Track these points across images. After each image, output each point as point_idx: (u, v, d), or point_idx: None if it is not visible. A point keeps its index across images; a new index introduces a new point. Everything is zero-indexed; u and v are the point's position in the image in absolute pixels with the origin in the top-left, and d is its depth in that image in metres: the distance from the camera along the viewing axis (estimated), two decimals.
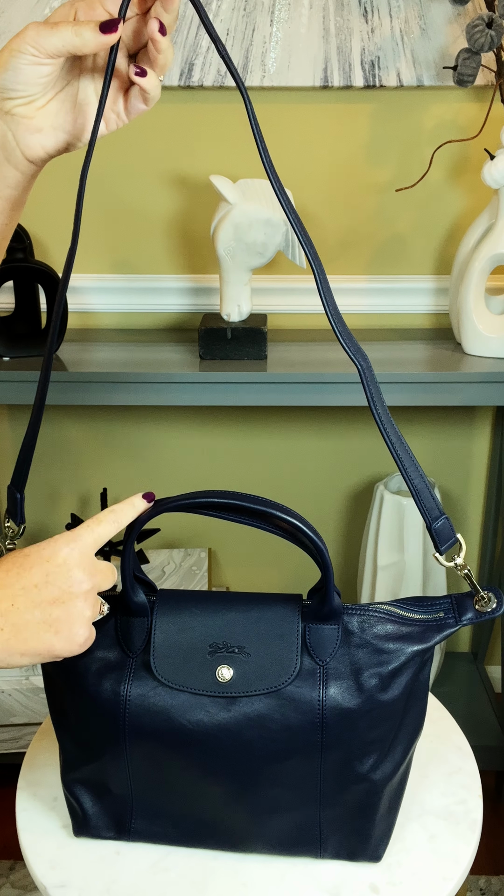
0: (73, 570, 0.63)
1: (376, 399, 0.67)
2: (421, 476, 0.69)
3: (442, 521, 0.69)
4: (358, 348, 0.67)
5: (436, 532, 0.69)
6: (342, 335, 0.66)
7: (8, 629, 0.60)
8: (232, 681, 0.67)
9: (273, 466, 1.59)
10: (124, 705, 0.68)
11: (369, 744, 0.68)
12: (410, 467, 0.68)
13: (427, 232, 1.42)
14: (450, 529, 0.70)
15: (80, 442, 1.57)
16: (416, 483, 0.68)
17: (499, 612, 0.69)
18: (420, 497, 0.69)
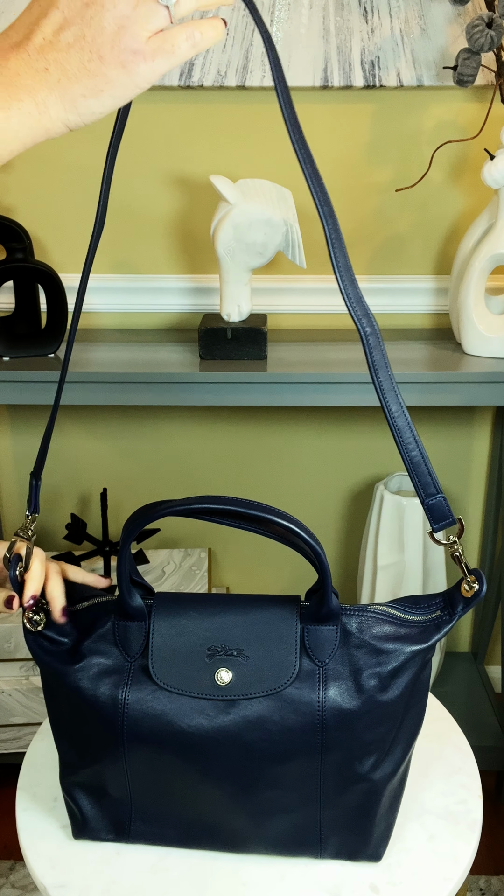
0: None
1: (379, 368, 0.64)
2: (419, 449, 0.66)
3: (437, 498, 0.67)
4: (365, 312, 0.63)
5: (429, 508, 0.67)
6: (349, 297, 0.63)
7: (54, 68, 0.52)
8: (231, 684, 0.67)
9: (273, 466, 1.59)
10: (123, 710, 0.68)
11: (369, 744, 0.68)
12: (408, 438, 0.66)
13: (427, 232, 1.42)
14: (445, 508, 0.68)
15: (80, 442, 1.58)
16: (412, 455, 0.66)
17: (481, 593, 0.67)
18: (415, 470, 0.66)
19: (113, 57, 0.51)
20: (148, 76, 0.52)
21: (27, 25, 0.53)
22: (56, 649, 0.71)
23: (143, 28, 0.51)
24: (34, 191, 1.41)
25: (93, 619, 0.72)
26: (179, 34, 0.52)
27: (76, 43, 0.51)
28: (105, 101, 0.53)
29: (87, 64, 0.52)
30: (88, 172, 1.39)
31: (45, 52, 0.52)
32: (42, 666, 0.72)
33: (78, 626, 0.72)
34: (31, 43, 0.52)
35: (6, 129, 0.52)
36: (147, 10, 0.51)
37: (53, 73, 0.52)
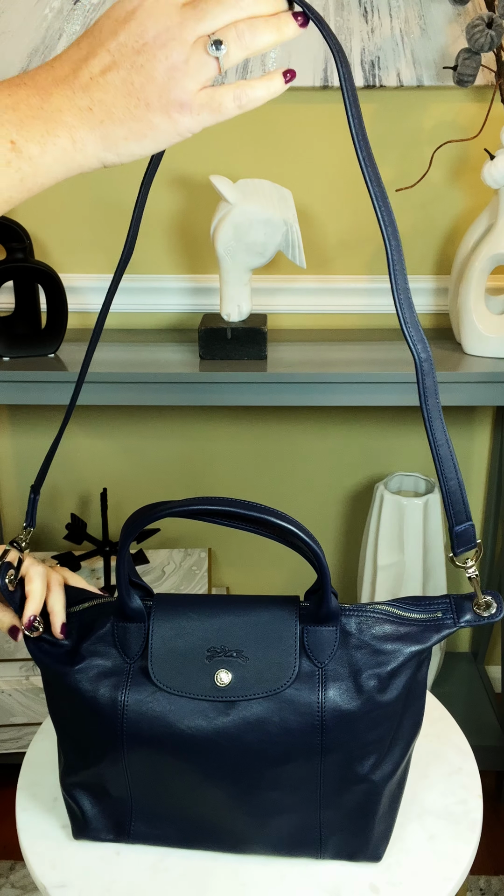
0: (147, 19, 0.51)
1: (430, 396, 0.64)
2: (458, 479, 0.66)
3: (467, 526, 0.68)
4: (421, 337, 0.63)
5: (456, 535, 0.68)
6: (406, 322, 0.62)
7: (98, 108, 0.52)
8: (230, 685, 0.67)
9: (273, 466, 1.59)
10: (122, 711, 0.68)
11: (369, 745, 0.68)
12: (449, 468, 0.66)
13: (427, 232, 1.42)
14: (472, 535, 0.69)
15: (80, 442, 1.58)
16: (450, 484, 0.66)
17: (497, 617, 0.69)
18: (451, 498, 0.67)
19: (160, 106, 0.51)
20: (192, 127, 0.52)
21: (74, 61, 0.52)
22: (56, 651, 0.71)
23: (193, 80, 0.51)
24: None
25: (92, 621, 0.72)
26: (228, 93, 0.52)
27: (123, 86, 0.51)
28: (146, 145, 0.53)
29: (132, 109, 0.51)
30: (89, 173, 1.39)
31: (91, 91, 0.51)
32: (42, 667, 0.72)
33: (77, 628, 0.72)
34: (77, 79, 0.51)
35: (40, 164, 0.51)
36: (198, 63, 0.51)
37: (97, 114, 0.52)
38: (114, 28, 0.51)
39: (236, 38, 0.51)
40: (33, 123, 0.51)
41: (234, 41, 0.51)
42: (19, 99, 0.51)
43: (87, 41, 0.52)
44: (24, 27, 1.31)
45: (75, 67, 0.52)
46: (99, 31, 0.52)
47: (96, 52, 0.51)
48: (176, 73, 0.51)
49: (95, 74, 0.51)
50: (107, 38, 0.51)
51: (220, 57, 0.51)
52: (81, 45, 0.52)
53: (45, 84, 0.52)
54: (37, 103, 0.51)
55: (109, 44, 0.51)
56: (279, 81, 0.54)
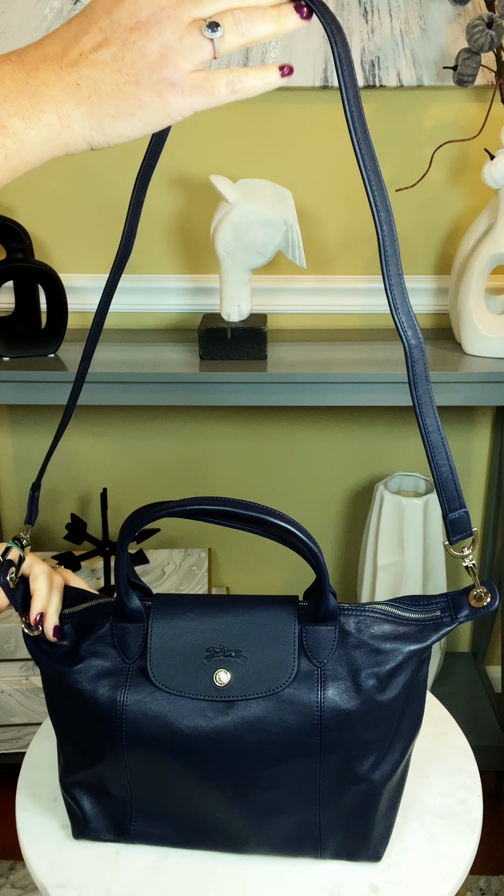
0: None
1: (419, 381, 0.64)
2: (450, 464, 0.66)
3: (461, 513, 0.67)
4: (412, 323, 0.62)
5: (450, 522, 0.67)
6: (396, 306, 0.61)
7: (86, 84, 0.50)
8: (229, 685, 0.67)
9: (273, 466, 1.59)
10: (121, 711, 0.68)
11: (368, 744, 0.68)
12: (440, 454, 0.66)
13: (427, 232, 1.42)
14: (467, 523, 0.68)
15: (80, 442, 1.58)
16: (442, 471, 0.66)
17: (492, 607, 0.68)
18: (443, 486, 0.66)
19: (150, 84, 0.50)
20: (182, 109, 0.51)
21: (64, 39, 0.51)
22: (55, 651, 0.71)
23: (186, 60, 0.50)
24: (34, 191, 1.41)
25: (91, 621, 0.72)
26: (221, 77, 0.51)
27: (113, 63, 0.50)
28: (134, 125, 0.51)
29: (121, 86, 0.50)
30: (89, 172, 1.39)
31: (79, 67, 0.50)
32: (42, 667, 0.72)
33: (76, 628, 0.72)
34: (66, 56, 0.50)
35: (25, 139, 0.50)
36: (192, 42, 0.50)
37: (84, 90, 0.50)
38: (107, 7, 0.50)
39: (233, 24, 0.50)
40: (17, 98, 0.49)
41: (230, 26, 0.50)
42: (3, 74, 0.50)
43: (78, 20, 0.51)
44: (24, 27, 1.31)
45: (65, 45, 0.51)
46: (92, 10, 0.51)
47: (88, 29, 0.50)
48: (169, 50, 0.49)
49: (86, 51, 0.50)
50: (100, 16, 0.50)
51: (214, 39, 0.50)
52: (73, 23, 0.51)
53: (33, 60, 0.51)
54: (21, 77, 0.50)
55: (102, 21, 0.50)
56: (275, 74, 0.53)
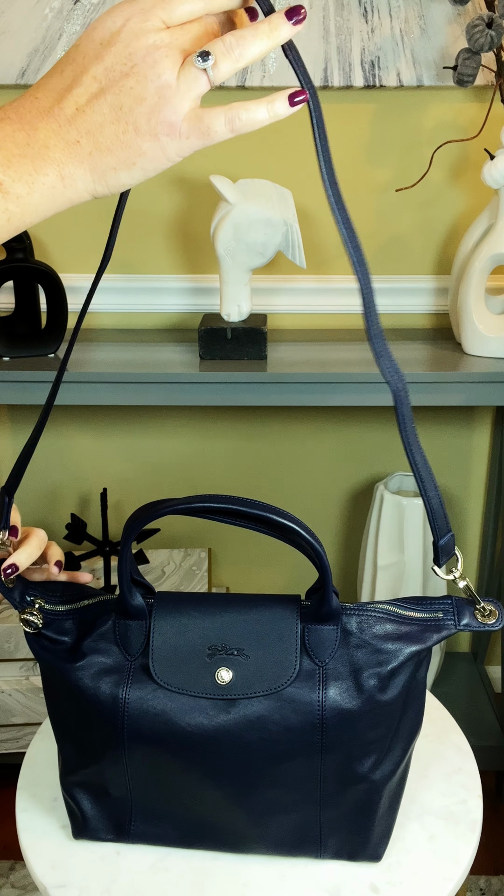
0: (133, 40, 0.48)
1: (407, 422, 0.65)
2: (438, 496, 0.68)
3: (448, 537, 0.69)
4: (395, 368, 0.63)
5: (441, 547, 0.69)
6: (379, 353, 0.62)
7: (85, 140, 0.49)
8: (231, 683, 0.67)
9: (273, 466, 1.59)
10: (123, 708, 0.68)
11: (369, 744, 0.68)
12: (430, 487, 0.67)
13: (427, 232, 1.42)
14: (453, 546, 0.70)
15: (80, 442, 1.58)
16: (433, 502, 0.68)
17: (497, 626, 0.69)
18: (434, 515, 0.68)
19: (148, 129, 0.49)
20: (181, 151, 0.50)
21: (58, 91, 0.50)
22: (56, 648, 0.71)
23: (184, 98, 0.49)
24: None
25: (93, 618, 0.72)
26: (218, 117, 0.50)
27: (111, 113, 0.49)
28: (135, 173, 0.51)
29: (121, 135, 0.49)
30: None
31: (78, 123, 0.49)
32: (43, 664, 0.72)
33: (78, 624, 0.72)
34: (62, 111, 0.49)
35: (28, 202, 0.49)
36: (187, 79, 0.49)
37: (85, 146, 0.49)
38: (98, 52, 0.49)
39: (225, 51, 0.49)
40: (21, 162, 0.48)
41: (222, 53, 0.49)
42: (5, 135, 0.48)
43: (70, 68, 0.50)
44: (24, 27, 1.31)
45: (60, 97, 0.49)
46: (82, 55, 0.49)
47: (81, 79, 0.49)
48: (167, 91, 0.48)
49: (82, 104, 0.49)
50: (91, 62, 0.49)
51: (207, 69, 0.48)
52: (65, 72, 0.50)
53: (30, 117, 0.49)
54: (23, 139, 0.49)
55: (95, 68, 0.49)
56: (283, 104, 0.51)
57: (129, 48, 0.48)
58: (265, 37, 0.50)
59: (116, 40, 0.48)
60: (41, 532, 0.76)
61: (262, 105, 0.50)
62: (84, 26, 1.30)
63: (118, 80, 0.49)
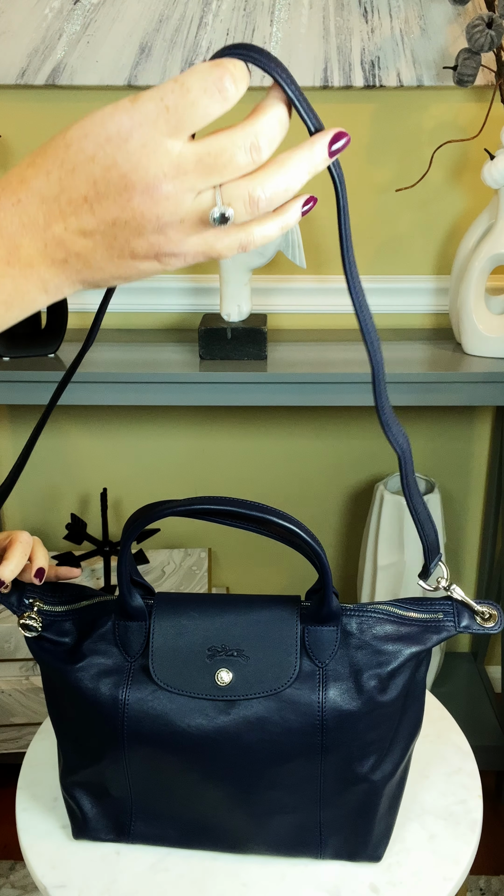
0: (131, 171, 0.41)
1: (409, 474, 0.64)
2: (434, 532, 0.68)
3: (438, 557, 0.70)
4: (400, 430, 0.61)
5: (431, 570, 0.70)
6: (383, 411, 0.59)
7: (74, 260, 0.44)
8: (231, 684, 0.67)
9: (273, 466, 1.59)
10: (123, 709, 0.68)
11: (369, 745, 0.68)
12: (428, 528, 0.68)
13: (427, 232, 1.42)
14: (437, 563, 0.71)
15: (80, 442, 1.58)
16: (430, 539, 0.68)
17: (496, 630, 0.69)
18: (430, 548, 0.69)
19: (146, 256, 0.44)
20: (180, 266, 0.46)
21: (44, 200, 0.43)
22: (57, 649, 0.71)
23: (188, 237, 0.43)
24: None
25: (93, 619, 0.72)
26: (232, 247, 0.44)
27: (104, 240, 0.43)
28: (129, 281, 0.46)
29: (115, 259, 0.44)
30: None
31: (67, 245, 0.43)
32: (43, 665, 0.72)
33: (78, 626, 0.72)
34: (49, 229, 0.43)
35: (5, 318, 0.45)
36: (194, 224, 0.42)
37: (74, 265, 0.44)
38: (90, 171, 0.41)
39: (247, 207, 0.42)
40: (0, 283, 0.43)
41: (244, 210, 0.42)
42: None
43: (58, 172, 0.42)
44: (24, 27, 1.31)
45: (47, 213, 0.43)
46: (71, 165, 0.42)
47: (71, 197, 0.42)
48: (169, 230, 0.42)
49: (72, 227, 0.43)
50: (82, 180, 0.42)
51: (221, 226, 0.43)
52: (52, 175, 0.42)
53: (12, 230, 0.43)
54: (2, 255, 0.43)
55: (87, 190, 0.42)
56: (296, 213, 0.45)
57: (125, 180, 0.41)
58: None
59: (111, 164, 0.41)
60: (24, 536, 0.73)
61: (275, 222, 0.45)
62: (84, 26, 1.30)
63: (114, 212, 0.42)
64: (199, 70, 0.41)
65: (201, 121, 0.41)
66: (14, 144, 1.38)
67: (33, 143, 1.38)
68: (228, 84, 0.41)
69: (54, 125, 1.37)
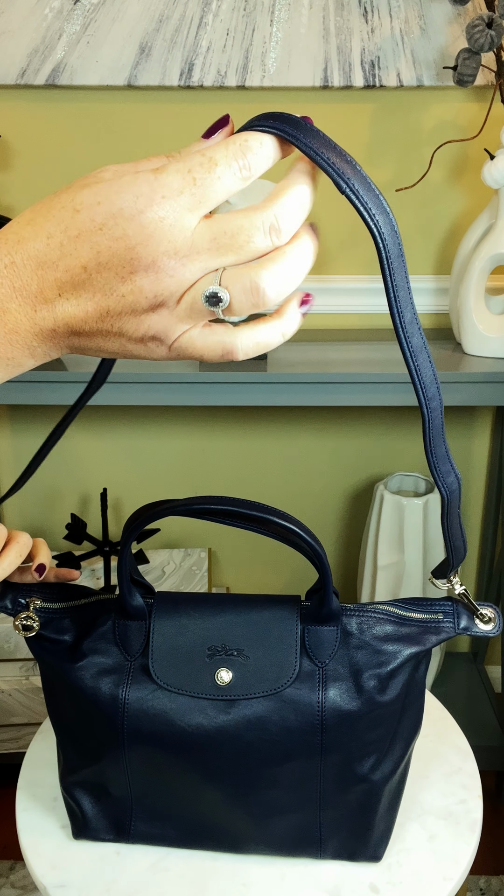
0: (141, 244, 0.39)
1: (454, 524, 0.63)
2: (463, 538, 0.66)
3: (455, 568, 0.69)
4: (450, 470, 0.58)
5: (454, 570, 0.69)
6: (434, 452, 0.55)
7: (63, 329, 0.42)
8: (231, 683, 0.67)
9: (273, 467, 1.59)
10: (123, 709, 0.68)
11: (368, 745, 0.68)
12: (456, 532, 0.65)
13: (427, 232, 1.42)
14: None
15: (80, 442, 1.57)
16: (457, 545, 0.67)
17: (495, 632, 0.69)
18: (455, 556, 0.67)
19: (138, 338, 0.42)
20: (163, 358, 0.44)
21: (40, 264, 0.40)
22: (56, 648, 0.71)
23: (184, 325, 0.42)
24: (34, 191, 1.41)
25: (93, 618, 0.72)
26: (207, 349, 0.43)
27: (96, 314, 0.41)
28: (119, 357, 0.44)
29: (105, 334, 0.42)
30: (88, 172, 1.39)
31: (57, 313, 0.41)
32: (43, 664, 0.72)
33: (77, 624, 0.72)
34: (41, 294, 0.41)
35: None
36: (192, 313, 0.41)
37: (61, 334, 0.42)
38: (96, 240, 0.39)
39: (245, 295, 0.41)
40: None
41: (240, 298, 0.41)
42: None
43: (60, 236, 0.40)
44: (24, 27, 1.31)
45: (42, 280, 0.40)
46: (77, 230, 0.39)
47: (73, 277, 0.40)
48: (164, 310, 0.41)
49: (66, 292, 0.40)
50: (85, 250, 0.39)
51: (216, 311, 0.41)
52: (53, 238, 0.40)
53: (1, 294, 0.40)
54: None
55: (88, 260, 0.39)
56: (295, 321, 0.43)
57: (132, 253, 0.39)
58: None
59: (120, 235, 0.39)
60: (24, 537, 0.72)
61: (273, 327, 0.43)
62: (84, 26, 1.30)
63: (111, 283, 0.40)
64: (226, 145, 0.40)
65: (221, 197, 0.40)
66: (14, 144, 1.38)
67: (33, 143, 1.38)
68: (252, 161, 0.40)
69: (54, 125, 1.37)
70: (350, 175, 0.42)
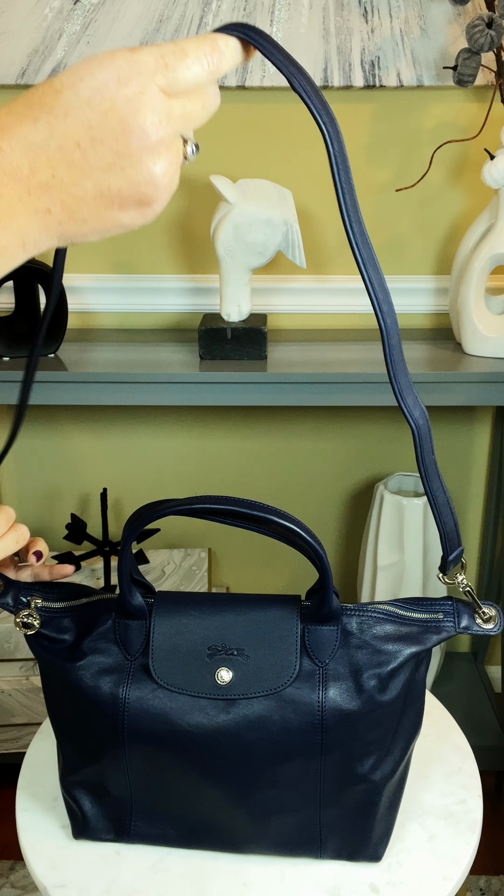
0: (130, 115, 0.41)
1: (426, 453, 0.64)
2: (453, 518, 0.67)
3: (458, 551, 0.69)
4: (416, 401, 0.61)
5: (451, 562, 0.69)
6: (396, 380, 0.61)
7: (58, 209, 0.43)
8: (231, 683, 0.67)
9: (273, 467, 1.59)
10: (123, 708, 0.68)
11: (369, 744, 0.68)
12: (445, 513, 0.67)
13: (427, 232, 1.42)
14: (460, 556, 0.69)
15: (80, 442, 1.57)
16: (447, 526, 0.67)
17: (495, 631, 0.69)
18: (447, 535, 0.68)
19: (134, 204, 0.43)
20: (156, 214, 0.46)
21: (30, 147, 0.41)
22: (56, 647, 0.71)
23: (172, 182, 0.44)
24: None
25: (93, 617, 0.72)
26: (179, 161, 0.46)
27: (95, 189, 0.42)
28: (106, 235, 0.45)
29: (102, 211, 0.43)
30: None
31: (53, 192, 0.42)
32: (43, 664, 0.72)
33: (78, 623, 0.72)
34: (34, 176, 0.41)
35: None
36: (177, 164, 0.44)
37: (56, 215, 0.43)
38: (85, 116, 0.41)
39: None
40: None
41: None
42: None
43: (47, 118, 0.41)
44: (24, 27, 1.31)
45: (33, 158, 0.41)
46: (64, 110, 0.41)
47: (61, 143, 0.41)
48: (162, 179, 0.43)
49: (60, 173, 0.42)
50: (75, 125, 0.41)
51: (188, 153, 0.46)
52: (39, 121, 0.41)
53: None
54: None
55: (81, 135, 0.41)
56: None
57: (124, 124, 0.41)
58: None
59: (108, 108, 0.41)
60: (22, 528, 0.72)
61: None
62: (84, 26, 1.30)
63: (108, 158, 0.42)
64: (197, 39, 0.44)
65: (189, 84, 0.43)
66: None
67: None
68: (219, 59, 0.44)
69: None
70: (302, 79, 0.50)
